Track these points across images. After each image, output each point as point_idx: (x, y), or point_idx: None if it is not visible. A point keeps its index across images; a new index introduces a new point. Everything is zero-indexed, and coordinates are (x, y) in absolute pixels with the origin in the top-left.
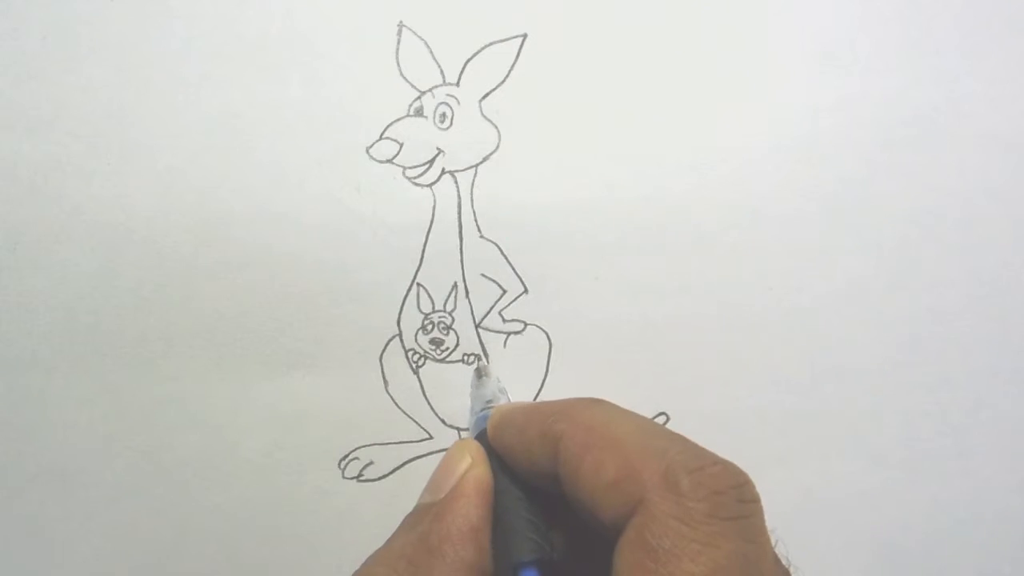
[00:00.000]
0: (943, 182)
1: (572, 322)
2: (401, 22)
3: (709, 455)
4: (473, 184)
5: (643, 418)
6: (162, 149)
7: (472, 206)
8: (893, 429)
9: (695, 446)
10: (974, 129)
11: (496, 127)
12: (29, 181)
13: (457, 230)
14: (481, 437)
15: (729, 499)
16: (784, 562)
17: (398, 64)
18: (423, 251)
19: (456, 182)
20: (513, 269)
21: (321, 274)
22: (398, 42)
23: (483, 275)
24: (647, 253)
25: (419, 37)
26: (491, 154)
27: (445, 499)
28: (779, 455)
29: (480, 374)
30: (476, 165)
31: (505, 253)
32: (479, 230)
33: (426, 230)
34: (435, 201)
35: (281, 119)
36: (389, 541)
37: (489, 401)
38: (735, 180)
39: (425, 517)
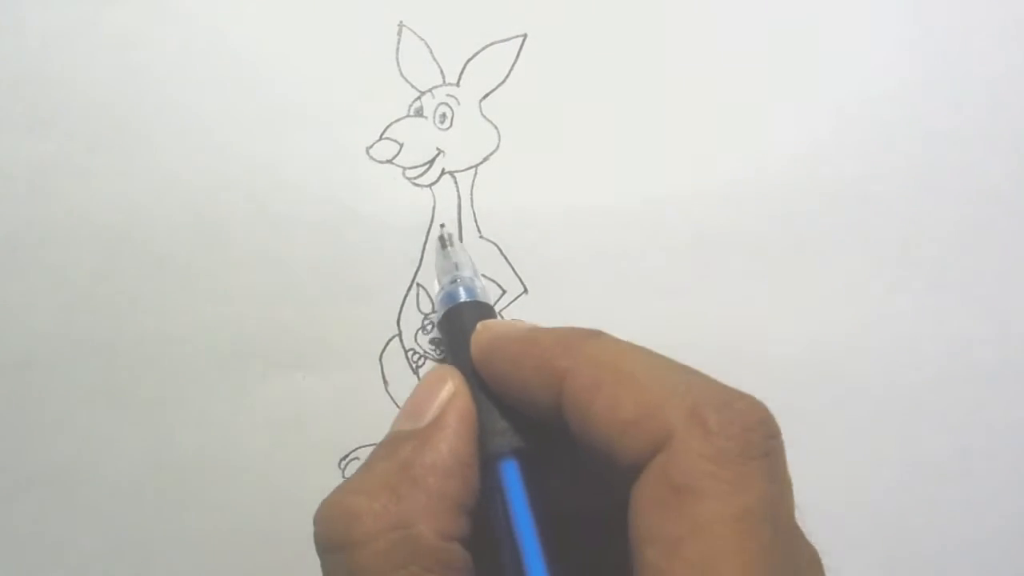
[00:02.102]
0: (943, 182)
1: (572, 322)
2: (401, 22)
3: (733, 390)
4: (473, 184)
5: (651, 351)
6: (162, 149)
7: (472, 206)
8: (893, 429)
9: (716, 381)
10: (974, 129)
11: (496, 127)
12: (29, 181)
13: (457, 230)
14: (458, 337)
15: (758, 436)
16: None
17: (398, 64)
18: (423, 251)
19: (456, 182)
20: (513, 269)
21: (321, 274)
22: (398, 42)
23: (483, 275)
24: (647, 253)
25: (419, 37)
26: (491, 154)
27: (428, 428)
28: None
29: (444, 243)
30: (476, 165)
31: (505, 253)
32: (479, 230)
33: (426, 230)
34: (435, 201)
35: (281, 119)
36: (366, 468)
37: (456, 274)
38: (735, 180)
39: (406, 444)
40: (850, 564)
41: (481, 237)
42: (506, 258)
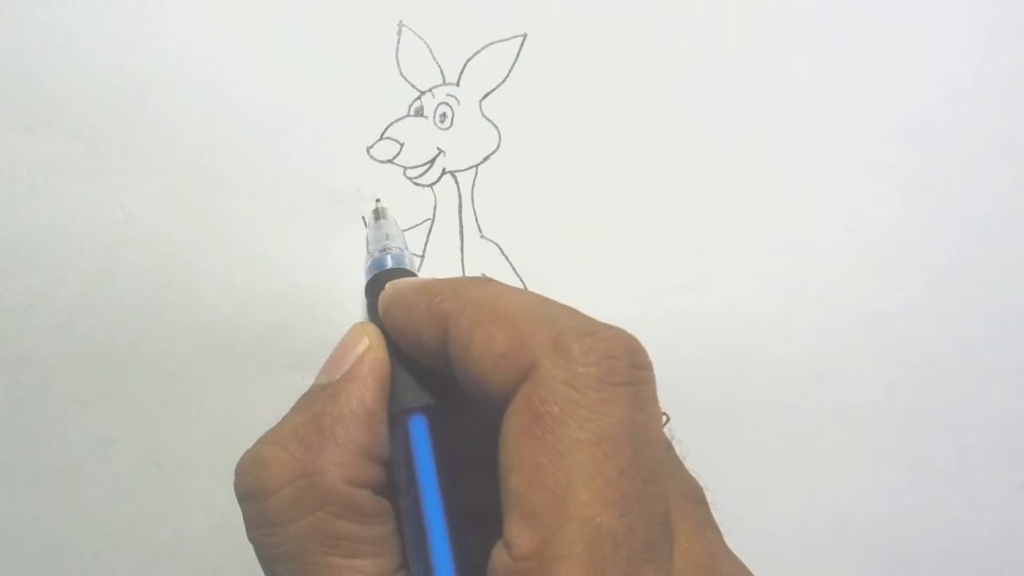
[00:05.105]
0: (943, 182)
1: None
2: (401, 22)
3: (601, 323)
4: (474, 184)
5: (534, 293)
6: (162, 149)
7: (472, 206)
8: (893, 429)
9: (588, 316)
10: (974, 129)
11: (496, 127)
12: (29, 181)
13: (458, 230)
14: (377, 300)
15: (621, 364)
16: (668, 435)
17: (398, 64)
18: (423, 251)
19: (456, 182)
20: (513, 269)
21: (321, 274)
22: (398, 42)
23: (483, 275)
24: (647, 253)
25: (419, 37)
26: (492, 154)
27: (340, 380)
28: (779, 455)
29: (378, 215)
30: (477, 165)
31: (505, 253)
32: (479, 230)
33: (427, 230)
34: (436, 201)
35: (281, 119)
36: (282, 421)
37: (386, 243)
38: (735, 179)
39: (319, 398)
40: (850, 564)
41: (481, 237)
42: (506, 258)
